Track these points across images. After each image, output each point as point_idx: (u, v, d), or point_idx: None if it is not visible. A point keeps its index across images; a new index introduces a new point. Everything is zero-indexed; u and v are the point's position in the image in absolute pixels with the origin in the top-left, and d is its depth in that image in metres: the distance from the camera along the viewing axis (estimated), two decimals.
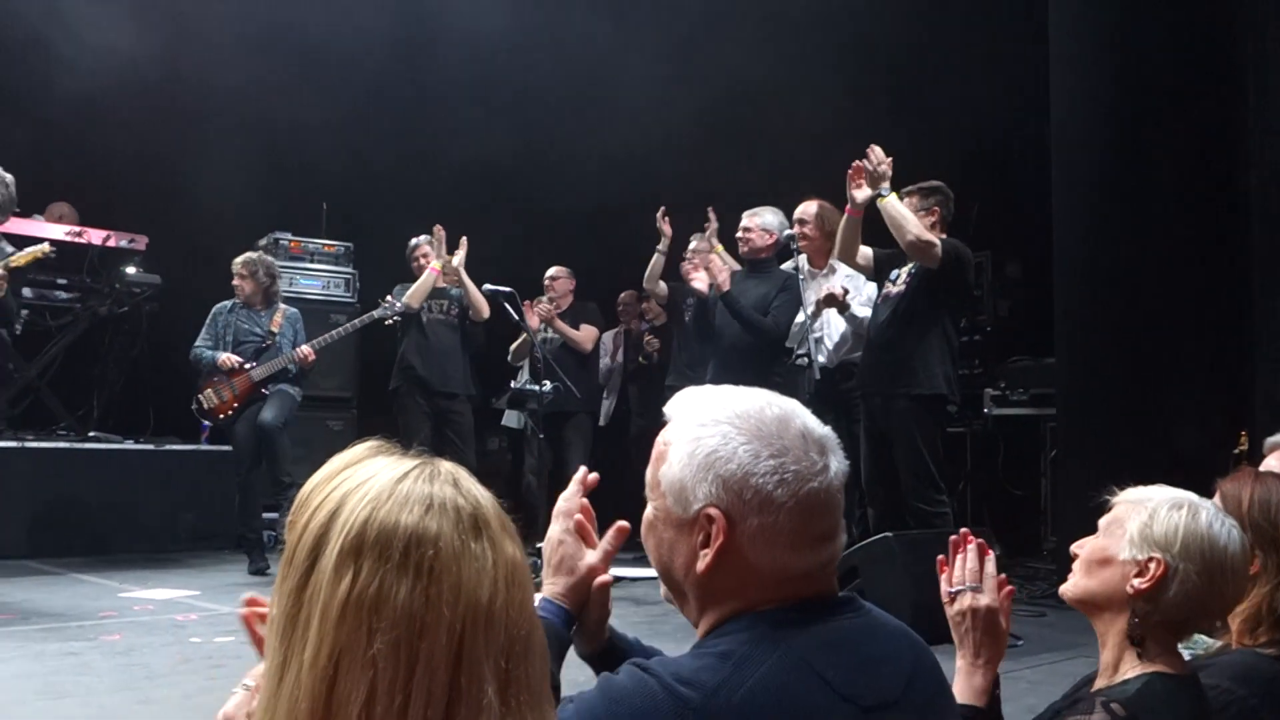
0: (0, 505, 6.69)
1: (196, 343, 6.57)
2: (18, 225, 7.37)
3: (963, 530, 1.91)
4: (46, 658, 4.06)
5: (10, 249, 5.77)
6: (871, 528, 5.05)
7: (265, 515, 6.71)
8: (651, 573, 1.45)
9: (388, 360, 7.50)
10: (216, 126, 8.40)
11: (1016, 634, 4.37)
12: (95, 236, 7.36)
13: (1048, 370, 6.94)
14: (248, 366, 6.44)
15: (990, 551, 1.88)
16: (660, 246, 6.57)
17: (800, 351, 5.62)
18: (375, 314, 6.80)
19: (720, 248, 6.10)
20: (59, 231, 7.32)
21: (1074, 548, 1.87)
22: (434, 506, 0.96)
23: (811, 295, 5.58)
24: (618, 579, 5.82)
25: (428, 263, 6.85)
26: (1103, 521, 1.84)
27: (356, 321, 6.94)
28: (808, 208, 5.76)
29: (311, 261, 8.32)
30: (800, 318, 5.60)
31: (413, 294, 6.76)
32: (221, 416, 6.52)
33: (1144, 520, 1.76)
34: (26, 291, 7.09)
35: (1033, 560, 7.06)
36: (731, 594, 1.32)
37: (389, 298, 6.77)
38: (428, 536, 0.94)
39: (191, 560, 6.91)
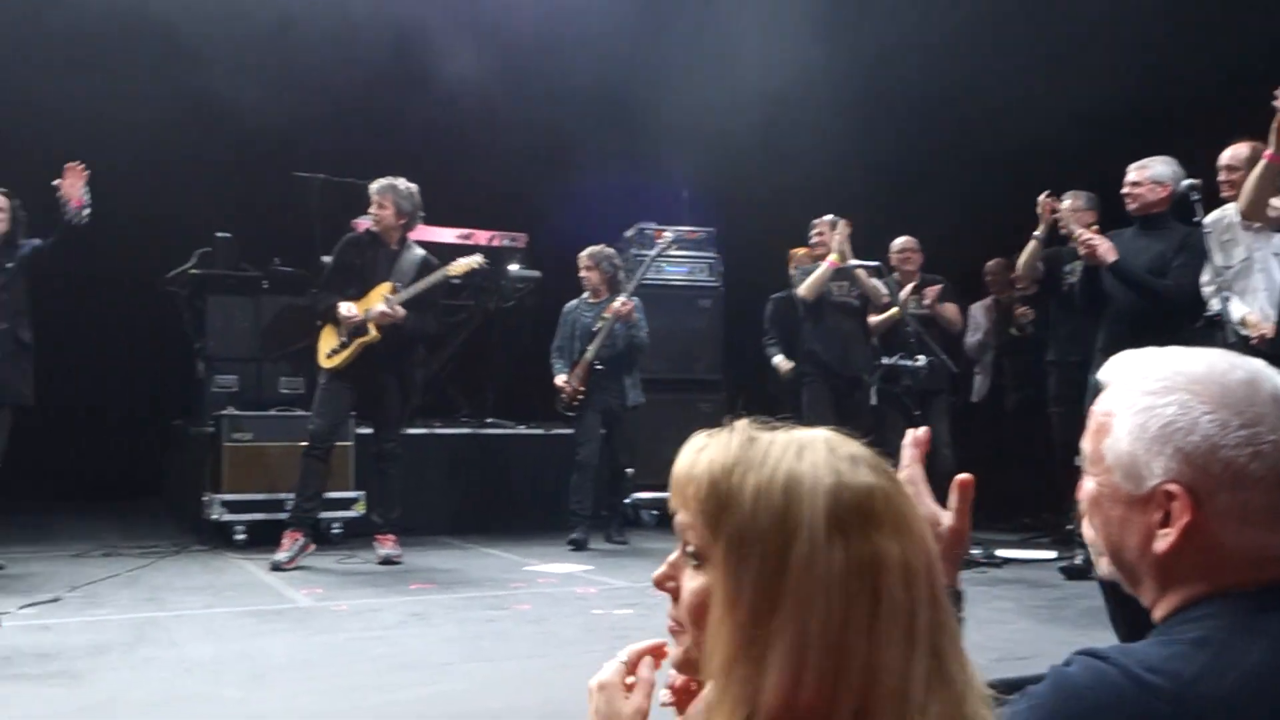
0: (416, 486, 7.44)
1: (554, 344, 7.21)
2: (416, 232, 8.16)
3: None
4: (468, 624, 4.47)
5: (418, 254, 6.43)
6: None
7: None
8: (1044, 554, 1.34)
9: (755, 342, 7.62)
10: (581, 125, 8.87)
11: None
12: (482, 238, 7.99)
13: None
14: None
15: None
16: (1038, 233, 6.24)
17: (1210, 312, 5.09)
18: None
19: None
20: (451, 235, 8.00)
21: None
22: (872, 465, 0.99)
23: (1241, 251, 5.01)
24: (1007, 560, 5.55)
25: (823, 240, 6.83)
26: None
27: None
28: (1238, 151, 5.15)
29: (676, 248, 8.59)
30: (1205, 276, 5.07)
31: (808, 287, 6.78)
32: (574, 403, 7.08)
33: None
34: None
35: None
36: (1198, 576, 1.21)
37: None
38: (890, 492, 0.98)
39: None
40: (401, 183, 6.36)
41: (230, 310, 7.68)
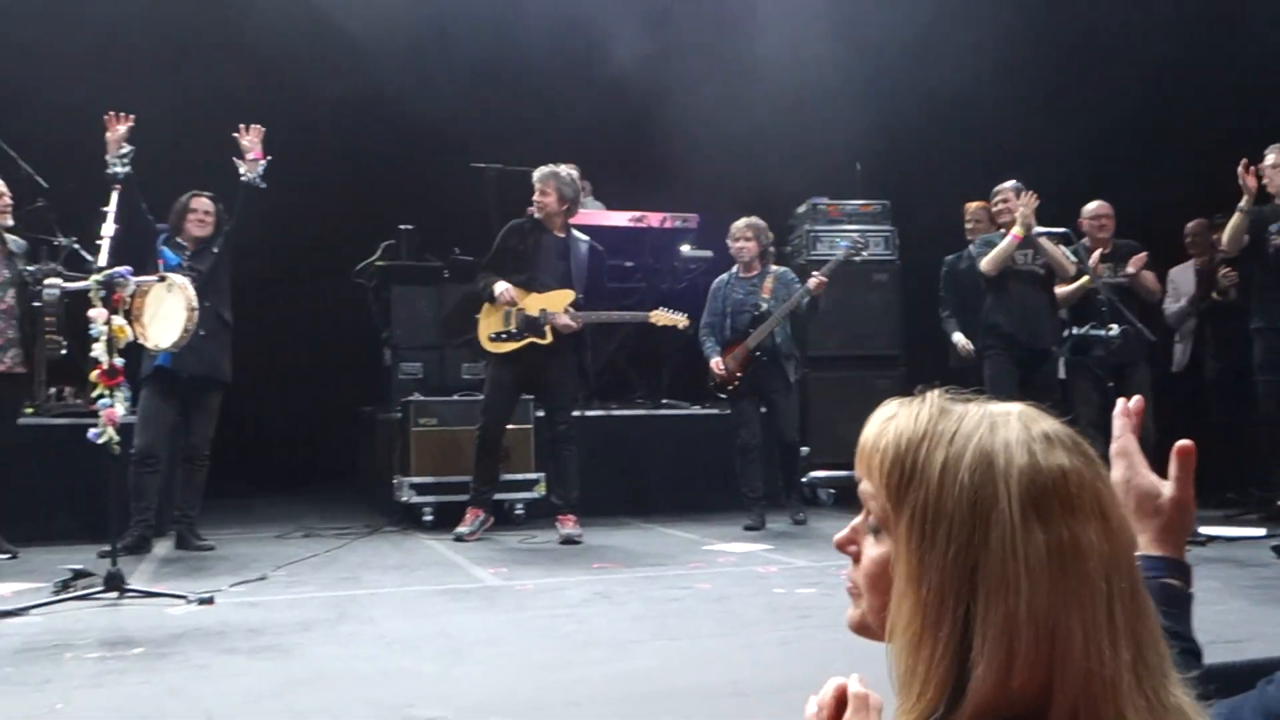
0: (593, 468, 7.52)
1: (702, 321, 7.00)
2: (584, 216, 8.24)
3: None
4: (652, 603, 4.49)
5: (584, 246, 6.55)
6: None
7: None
8: (1252, 532, 1.22)
9: (934, 316, 7.40)
10: (750, 100, 8.77)
11: None
12: (654, 219, 8.00)
13: None
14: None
15: None
16: (1243, 205, 5.84)
17: None
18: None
19: None
20: (623, 218, 8.05)
21: None
22: (1068, 444, 0.95)
23: None
24: (1212, 539, 5.21)
25: (1007, 207, 6.55)
26: None
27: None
28: None
29: (849, 222, 8.42)
30: None
31: (990, 261, 6.51)
32: (730, 388, 6.90)
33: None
34: None
35: None
36: None
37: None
38: (1087, 475, 0.94)
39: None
40: (563, 169, 6.51)
41: (414, 299, 7.94)
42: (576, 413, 6.79)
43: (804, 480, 8.11)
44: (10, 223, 6.07)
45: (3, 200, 6.01)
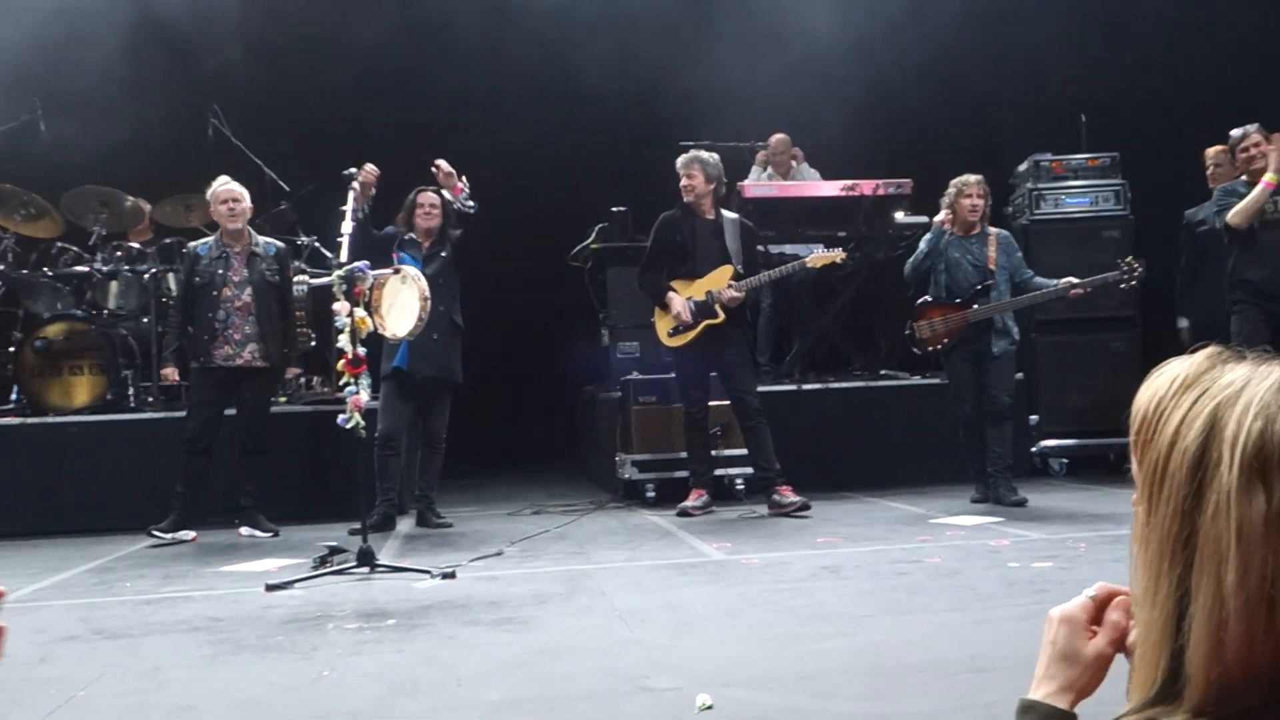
0: (810, 441, 7.48)
1: (911, 260, 6.72)
2: (796, 187, 8.16)
3: None
4: (880, 577, 4.42)
5: (733, 220, 6.57)
6: None
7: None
8: None
9: (1169, 272, 6.96)
10: (963, 60, 8.47)
11: None
12: (866, 187, 7.83)
13: None
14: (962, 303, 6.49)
15: None
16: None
17: None
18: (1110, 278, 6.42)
19: None
20: (835, 188, 7.92)
21: None
22: None
23: None
24: None
25: (1258, 151, 6.07)
26: None
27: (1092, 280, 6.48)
28: None
29: (1075, 179, 8.00)
30: None
31: (1240, 213, 6.02)
32: (931, 349, 6.62)
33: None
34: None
35: None
36: None
37: None
38: None
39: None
40: (704, 152, 6.69)
41: (629, 280, 8.05)
42: (787, 387, 6.74)
43: (1034, 450, 7.80)
44: (237, 225, 6.42)
45: (230, 205, 6.39)
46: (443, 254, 6.52)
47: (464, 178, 6.30)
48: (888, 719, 2.64)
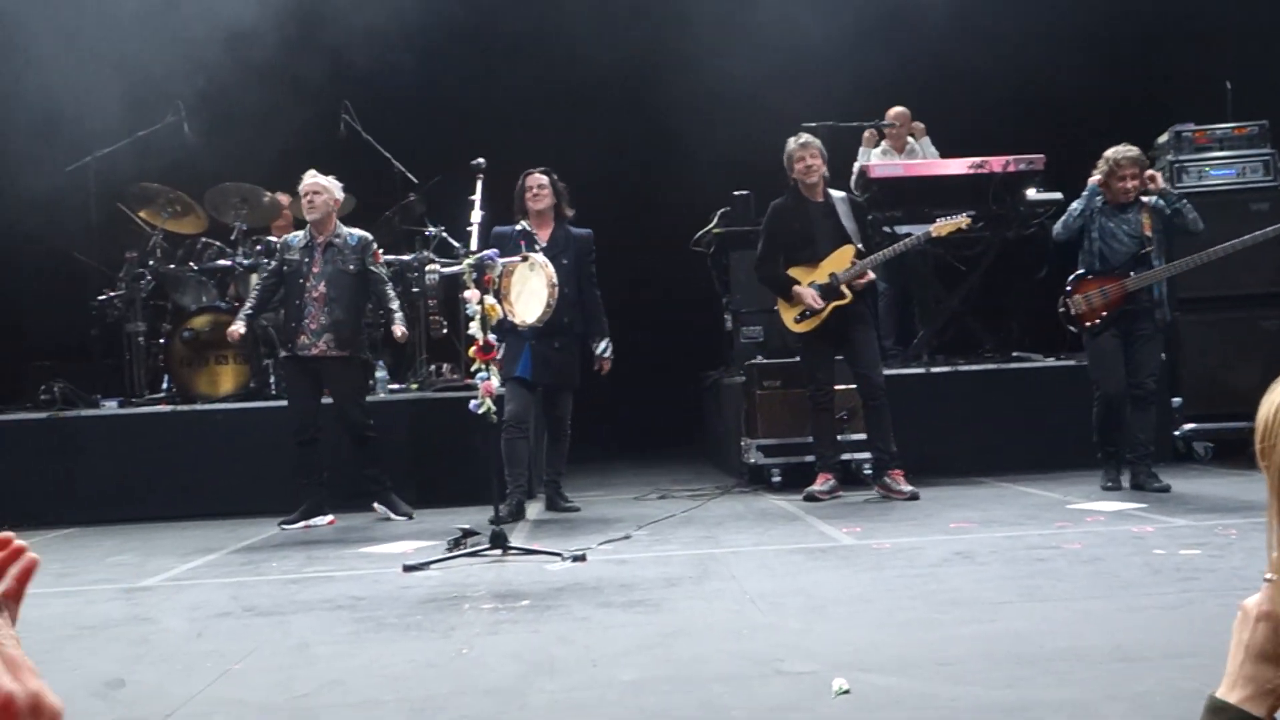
0: (940, 425, 7.36)
1: (1062, 220, 6.35)
2: (919, 166, 8.00)
3: None
4: (1017, 563, 4.31)
5: (843, 197, 6.48)
6: None
7: None
8: None
9: None
10: (1090, 26, 8.16)
11: None
12: (996, 164, 7.60)
13: None
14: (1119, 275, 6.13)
15: None
16: None
17: None
18: None
19: None
20: (962, 166, 7.72)
21: None
22: None
23: None
24: None
25: None
26: None
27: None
28: None
29: (1221, 149, 7.64)
30: None
31: None
32: (1087, 324, 6.21)
33: None
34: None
35: None
36: None
37: None
38: None
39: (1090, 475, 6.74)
40: (809, 136, 6.65)
41: (751, 264, 8.01)
42: (917, 369, 6.60)
43: (1176, 434, 7.51)
44: (314, 216, 6.50)
45: (310, 198, 6.48)
46: (564, 261, 6.30)
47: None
48: (1030, 707, 2.57)
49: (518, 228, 6.30)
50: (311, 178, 6.56)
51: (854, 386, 6.73)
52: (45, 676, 0.89)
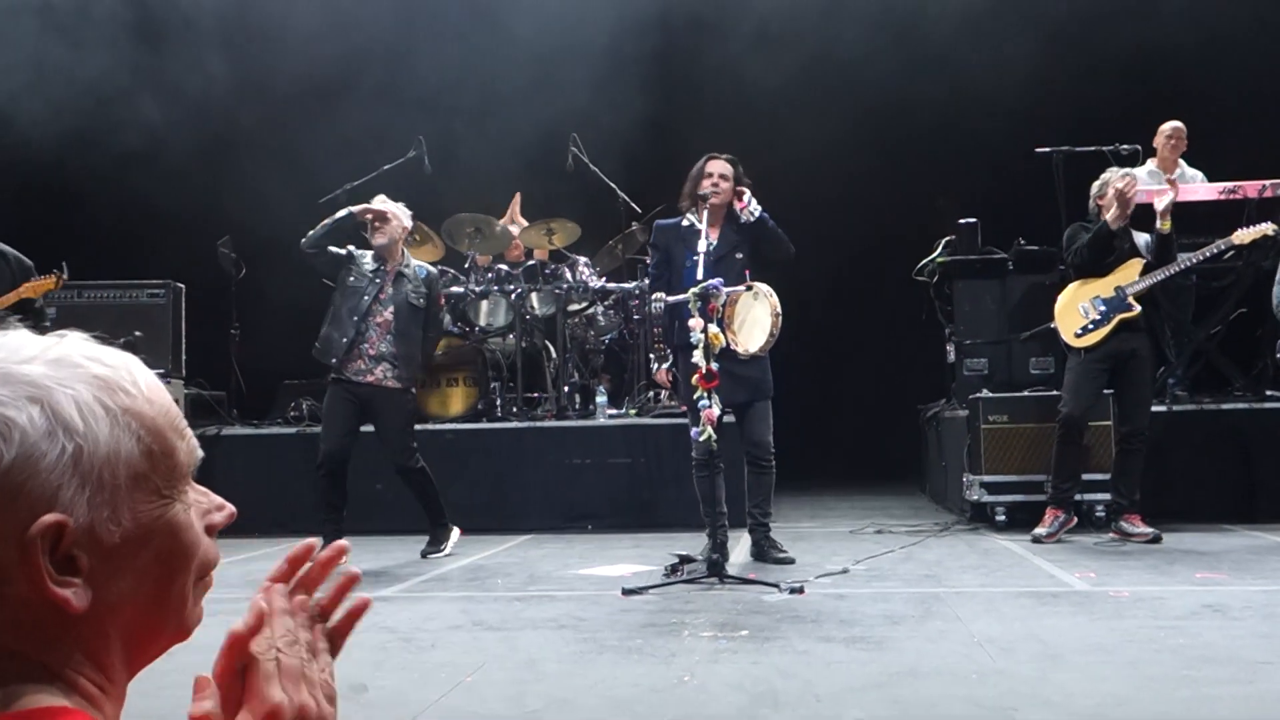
0: (1184, 467, 6.96)
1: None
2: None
3: None
4: (1277, 620, 3.99)
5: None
6: None
7: None
8: None
9: None
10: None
11: None
12: (1251, 189, 7.12)
13: None
14: None
15: None
16: None
17: None
18: None
19: None
20: (1212, 192, 7.27)
21: None
22: None
23: None
24: None
25: None
26: None
27: None
28: None
29: None
30: None
31: None
32: None
33: None
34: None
35: None
36: None
37: None
38: None
39: None
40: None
41: (977, 294, 7.78)
42: (1157, 408, 6.23)
43: None
44: (380, 242, 6.13)
45: (386, 223, 6.13)
46: (737, 254, 5.64)
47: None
48: None
49: (684, 223, 5.72)
50: (381, 203, 6.27)
51: (1105, 424, 6.41)
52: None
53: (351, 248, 6.27)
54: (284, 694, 0.89)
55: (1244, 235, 6.17)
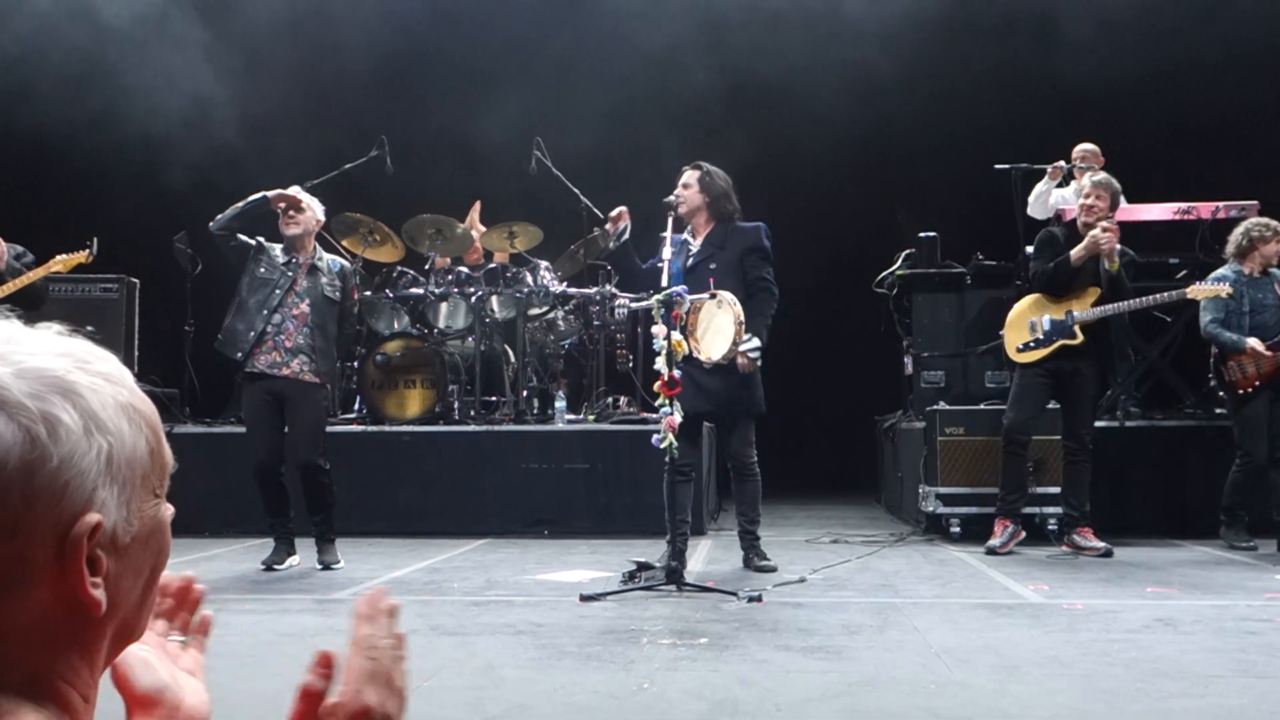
0: (1129, 482, 7.07)
1: (1209, 319, 6.40)
2: (1124, 212, 7.66)
3: None
4: (1226, 634, 4.05)
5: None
6: None
7: None
8: None
9: None
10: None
11: None
12: (1205, 210, 7.24)
13: None
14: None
15: None
16: None
17: None
18: None
19: None
20: (1167, 212, 7.38)
21: None
22: None
23: None
24: None
25: None
26: None
27: None
28: None
29: None
30: None
31: None
32: (1240, 391, 6.32)
33: None
34: None
35: None
36: None
37: None
38: None
39: None
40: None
41: (936, 307, 7.85)
42: (1109, 423, 6.33)
43: None
44: (291, 232, 5.92)
45: (300, 213, 5.95)
46: (711, 264, 5.65)
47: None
48: None
49: (682, 237, 5.81)
50: (296, 193, 6.07)
51: (1054, 438, 6.50)
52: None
53: (261, 239, 6.06)
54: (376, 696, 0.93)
55: (1198, 291, 6.30)
